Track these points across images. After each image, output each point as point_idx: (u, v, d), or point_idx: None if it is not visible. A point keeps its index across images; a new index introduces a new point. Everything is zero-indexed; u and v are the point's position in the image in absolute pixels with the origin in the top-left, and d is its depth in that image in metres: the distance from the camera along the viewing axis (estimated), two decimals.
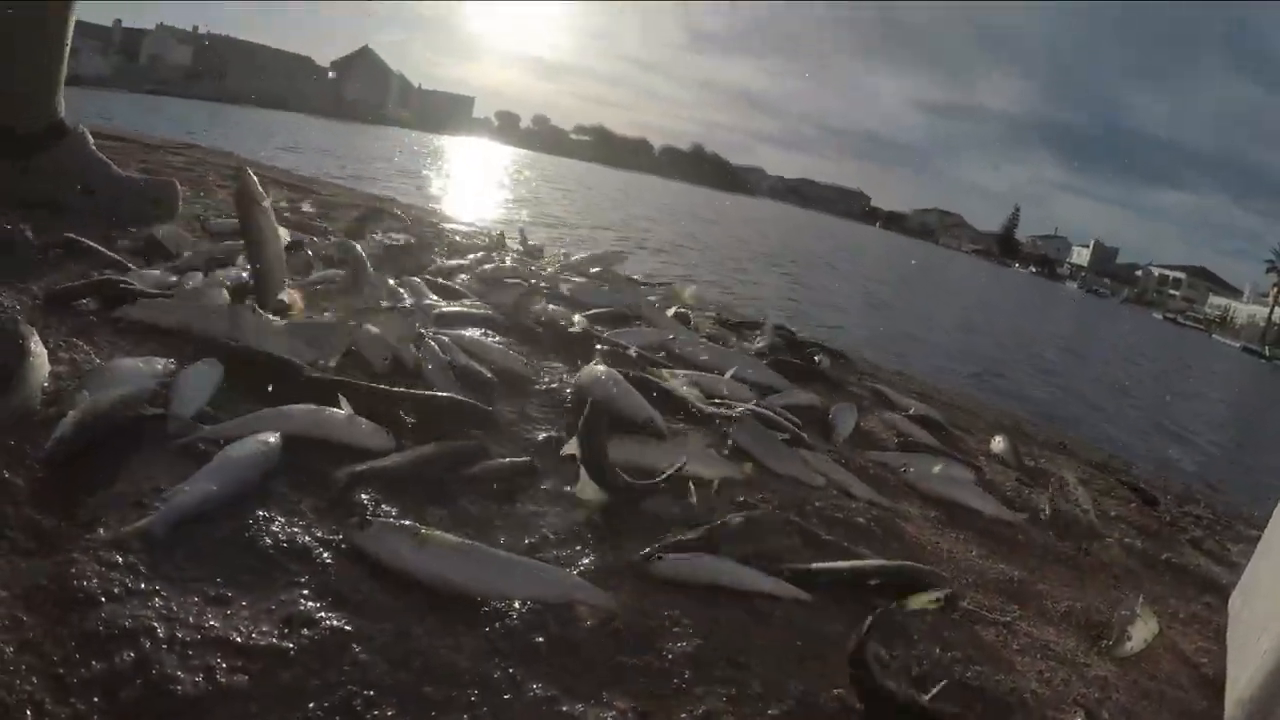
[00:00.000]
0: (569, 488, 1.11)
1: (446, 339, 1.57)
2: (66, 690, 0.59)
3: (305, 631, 0.70)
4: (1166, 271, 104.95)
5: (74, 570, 0.68)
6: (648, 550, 0.98)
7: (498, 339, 1.74)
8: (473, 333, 1.75)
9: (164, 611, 0.67)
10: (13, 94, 1.86)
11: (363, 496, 0.94)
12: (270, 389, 1.14)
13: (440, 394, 1.27)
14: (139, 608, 0.66)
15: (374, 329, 1.44)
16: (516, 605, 0.81)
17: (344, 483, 0.94)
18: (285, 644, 0.68)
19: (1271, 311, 64.87)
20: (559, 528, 1.01)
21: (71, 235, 1.63)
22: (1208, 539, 2.03)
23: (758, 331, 2.61)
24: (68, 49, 1.92)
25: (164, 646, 0.63)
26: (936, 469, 1.71)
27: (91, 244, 1.62)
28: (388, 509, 0.93)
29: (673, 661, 0.81)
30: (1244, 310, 78.54)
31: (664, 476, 1.15)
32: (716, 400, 1.70)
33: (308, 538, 0.83)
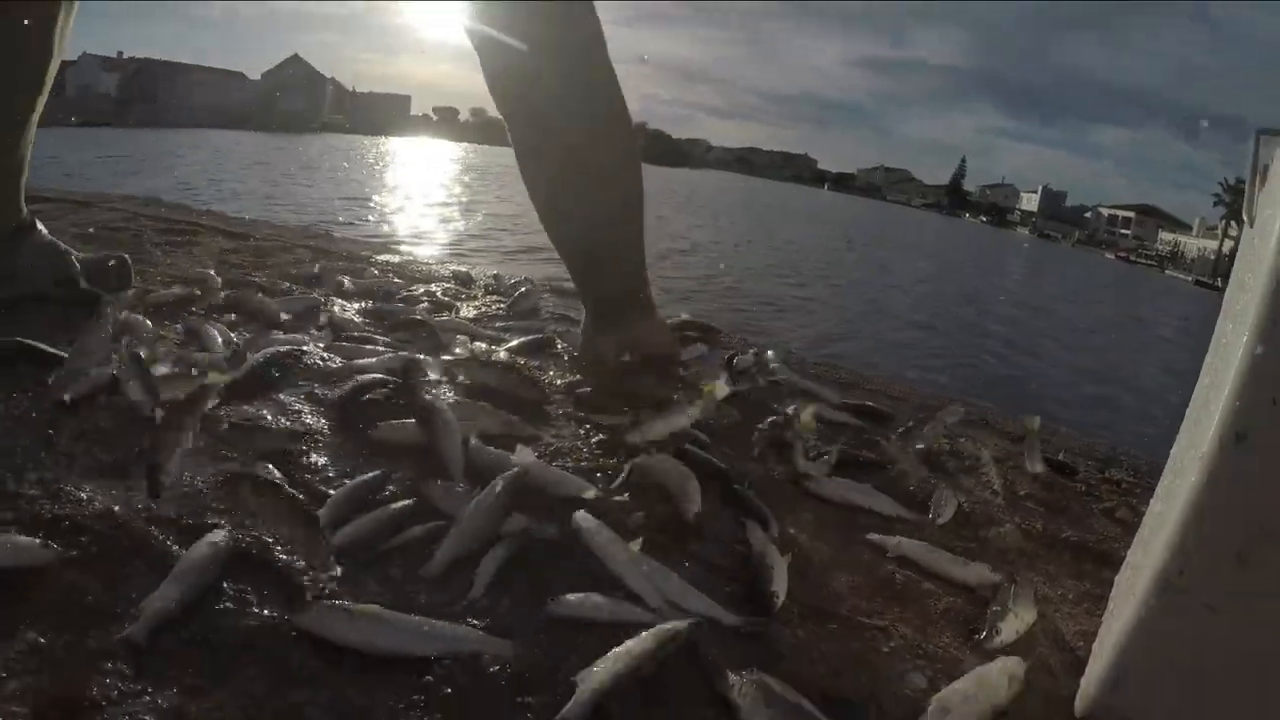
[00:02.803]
0: None
1: None
2: None
3: (265, 706, 0.89)
4: (1115, 211, 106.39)
5: (75, 681, 0.87)
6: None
7: None
8: None
9: (153, 706, 0.86)
10: None
11: (304, 578, 1.12)
12: None
13: None
14: (133, 706, 0.86)
15: None
16: (432, 661, 1.00)
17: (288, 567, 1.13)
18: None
19: (1221, 244, 65.74)
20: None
21: (20, 340, 1.72)
22: (1121, 506, 2.06)
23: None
24: (30, 149, 2.03)
25: None
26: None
27: (43, 347, 1.72)
28: (325, 583, 1.12)
29: (563, 696, 0.99)
30: (1194, 244, 79.47)
31: None
32: None
33: (259, 624, 1.02)
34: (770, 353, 2.72)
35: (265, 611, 1.04)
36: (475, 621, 1.09)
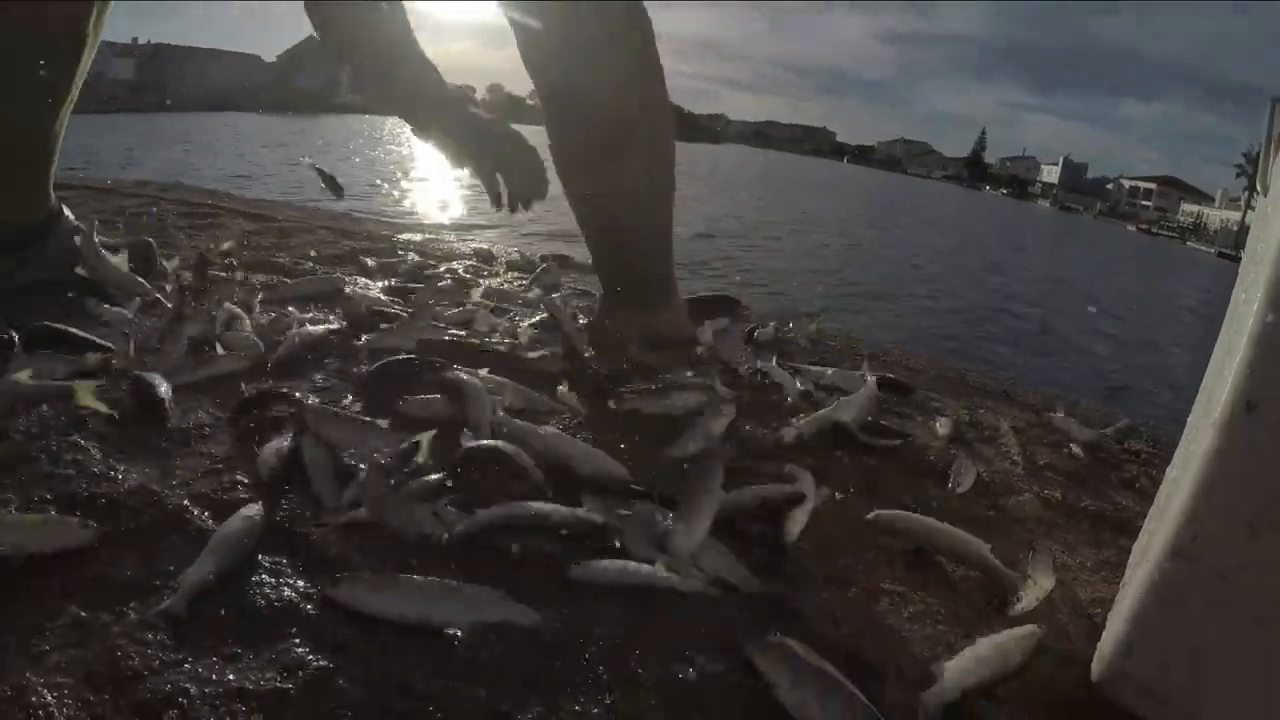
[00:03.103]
0: None
1: None
2: None
3: (300, 673, 0.92)
4: (1137, 183, 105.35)
5: (119, 653, 0.91)
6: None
7: None
8: None
9: (193, 674, 0.89)
10: (6, 195, 2.01)
11: (333, 551, 1.16)
12: None
13: None
14: (174, 674, 0.89)
15: None
16: (463, 629, 1.03)
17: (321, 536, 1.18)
18: (286, 686, 0.90)
19: (1244, 216, 65.03)
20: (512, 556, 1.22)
21: (48, 324, 1.75)
22: (1140, 476, 2.08)
23: None
24: (61, 140, 2.07)
25: (199, 702, 0.86)
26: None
27: (74, 330, 1.76)
28: (357, 558, 1.16)
29: (589, 660, 1.03)
30: (1217, 216, 78.55)
31: None
32: None
33: (294, 595, 1.06)
34: (791, 324, 2.75)
35: (300, 582, 1.08)
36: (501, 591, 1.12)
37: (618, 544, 1.26)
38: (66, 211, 2.15)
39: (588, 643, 1.06)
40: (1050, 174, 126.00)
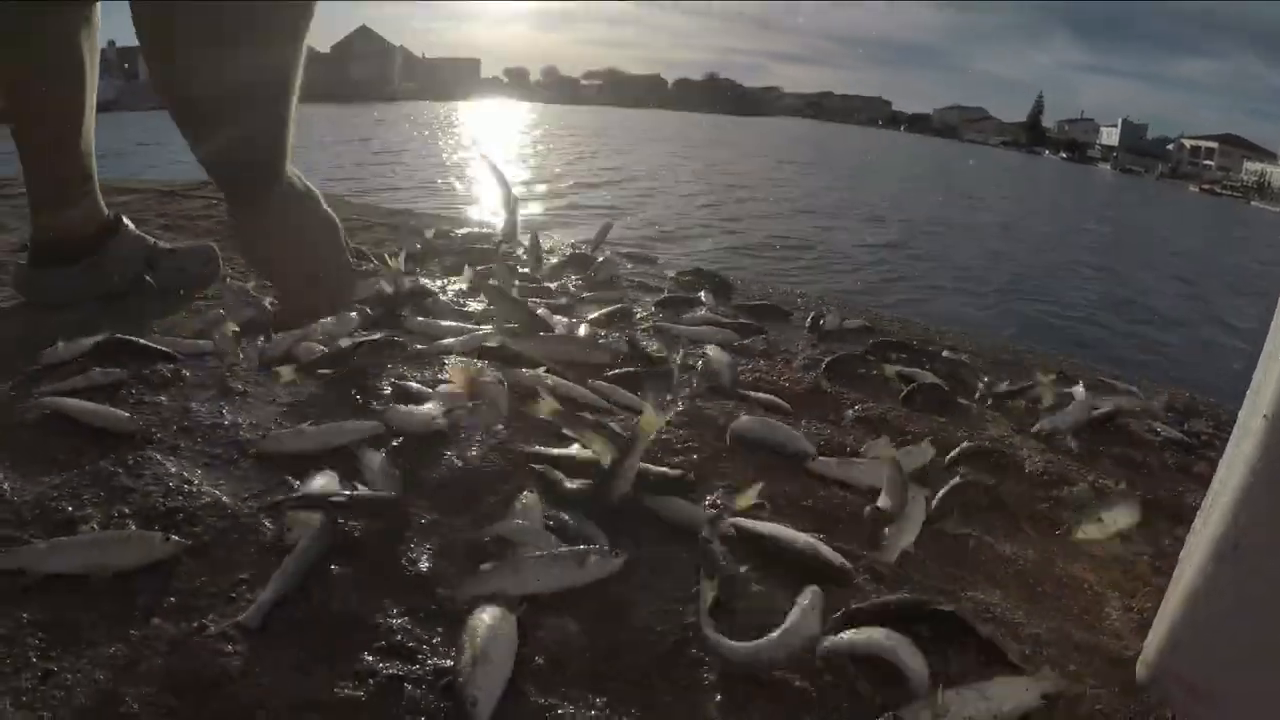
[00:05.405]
0: None
1: None
2: None
3: (370, 681, 0.97)
4: (1198, 143, 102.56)
5: (200, 662, 0.96)
6: None
7: None
8: None
9: (269, 685, 0.95)
10: (57, 208, 2.04)
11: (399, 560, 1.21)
12: None
13: None
14: (252, 685, 0.94)
15: None
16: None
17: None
18: (358, 694, 0.96)
19: None
20: None
21: (119, 335, 1.80)
22: (1199, 460, 2.05)
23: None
24: (93, 154, 2.08)
25: (275, 713, 0.91)
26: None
27: (141, 340, 1.82)
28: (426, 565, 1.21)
29: (649, 661, 1.08)
30: None
31: None
32: None
33: (362, 605, 1.10)
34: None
35: (367, 592, 1.12)
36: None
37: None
38: (126, 221, 2.19)
39: (647, 643, 1.10)
40: (1109, 136, 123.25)
